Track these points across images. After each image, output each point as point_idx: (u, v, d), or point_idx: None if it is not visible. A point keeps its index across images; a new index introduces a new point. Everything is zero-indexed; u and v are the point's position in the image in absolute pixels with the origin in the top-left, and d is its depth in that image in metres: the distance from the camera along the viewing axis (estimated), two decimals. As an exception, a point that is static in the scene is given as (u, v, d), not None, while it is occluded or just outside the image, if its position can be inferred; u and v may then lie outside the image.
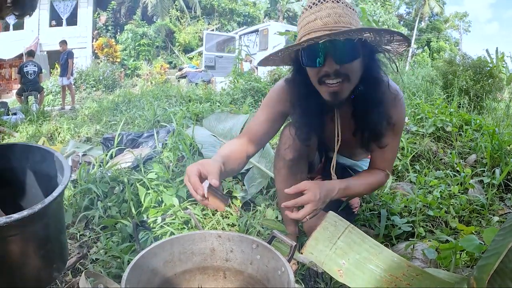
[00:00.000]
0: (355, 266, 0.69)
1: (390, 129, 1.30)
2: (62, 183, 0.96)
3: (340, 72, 1.12)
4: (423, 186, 2.09)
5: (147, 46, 18.97)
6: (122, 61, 18.08)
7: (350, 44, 1.08)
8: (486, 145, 2.61)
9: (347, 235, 0.71)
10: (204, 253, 1.02)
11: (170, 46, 21.25)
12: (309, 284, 1.30)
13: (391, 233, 1.52)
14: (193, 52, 19.95)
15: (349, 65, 1.13)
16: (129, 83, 15.66)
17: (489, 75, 5.98)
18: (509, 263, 0.65)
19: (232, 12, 24.09)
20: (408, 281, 0.66)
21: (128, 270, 0.83)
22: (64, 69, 9.38)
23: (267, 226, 1.66)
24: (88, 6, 18.51)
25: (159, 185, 1.84)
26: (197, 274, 1.04)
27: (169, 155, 2.14)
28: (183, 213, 1.69)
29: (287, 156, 1.39)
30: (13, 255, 0.92)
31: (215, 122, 2.79)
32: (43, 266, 1.01)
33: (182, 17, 22.76)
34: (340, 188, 1.24)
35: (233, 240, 0.99)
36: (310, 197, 1.11)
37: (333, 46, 1.09)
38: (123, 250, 1.54)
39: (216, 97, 5.61)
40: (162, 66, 17.49)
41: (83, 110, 6.73)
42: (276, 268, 0.87)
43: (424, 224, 1.63)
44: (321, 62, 1.12)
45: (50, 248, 1.01)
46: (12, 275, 0.94)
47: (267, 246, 0.92)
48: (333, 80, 1.14)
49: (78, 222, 1.94)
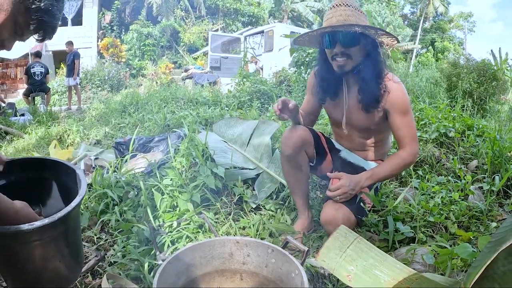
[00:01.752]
0: (362, 271, 0.78)
1: (397, 109, 1.66)
2: (79, 195, 1.06)
3: (345, 53, 1.62)
4: (425, 192, 2.17)
5: (152, 46, 19.11)
6: (127, 61, 18.20)
7: (351, 35, 1.59)
8: (487, 152, 2.68)
9: (356, 245, 0.80)
10: (223, 257, 1.12)
11: (175, 46, 21.36)
12: (317, 285, 1.39)
13: (394, 238, 1.62)
14: (198, 52, 20.05)
15: (351, 48, 1.62)
16: (135, 83, 15.76)
17: (493, 77, 6.00)
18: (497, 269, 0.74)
19: (237, 12, 24.17)
20: (408, 284, 0.76)
21: (158, 274, 0.93)
22: (70, 69, 9.41)
23: (278, 229, 1.77)
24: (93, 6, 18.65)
25: (174, 190, 1.94)
26: (216, 277, 1.14)
27: (182, 161, 2.23)
28: (198, 217, 1.79)
29: (285, 151, 1.77)
30: (36, 258, 1.02)
31: (225, 128, 2.88)
32: (62, 268, 1.11)
33: (187, 17, 22.88)
34: (366, 178, 1.64)
35: (250, 246, 1.09)
36: (343, 183, 1.59)
37: (340, 35, 1.60)
38: (141, 253, 1.63)
39: (223, 100, 5.69)
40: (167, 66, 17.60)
41: (90, 111, 6.80)
42: (290, 271, 0.97)
43: (425, 230, 1.72)
44: (333, 45, 1.63)
45: (68, 252, 1.11)
46: (34, 276, 1.05)
47: (282, 250, 1.02)
48: (340, 58, 1.63)
49: (94, 225, 2.03)
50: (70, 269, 1.15)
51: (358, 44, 1.62)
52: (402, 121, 1.66)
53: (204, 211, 1.89)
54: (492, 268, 0.79)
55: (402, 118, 1.66)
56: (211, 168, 2.09)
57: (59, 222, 0.96)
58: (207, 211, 1.92)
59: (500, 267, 0.81)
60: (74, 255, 1.17)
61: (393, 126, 1.69)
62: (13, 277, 1.07)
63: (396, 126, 1.68)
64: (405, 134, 1.67)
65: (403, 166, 1.72)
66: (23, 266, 1.02)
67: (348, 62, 1.64)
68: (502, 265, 0.81)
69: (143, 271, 1.54)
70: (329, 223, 1.58)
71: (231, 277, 1.14)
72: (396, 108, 1.66)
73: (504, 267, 0.81)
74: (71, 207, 1.00)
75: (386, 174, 1.70)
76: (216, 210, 1.97)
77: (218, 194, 2.10)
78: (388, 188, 2.25)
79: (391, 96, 1.65)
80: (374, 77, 1.66)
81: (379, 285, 0.75)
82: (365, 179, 1.64)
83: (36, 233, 0.96)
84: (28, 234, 0.93)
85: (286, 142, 1.77)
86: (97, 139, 4.37)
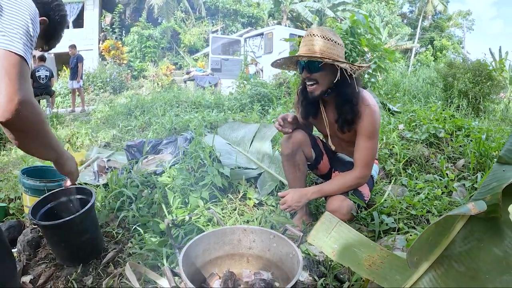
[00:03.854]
0: (343, 248, 1.00)
1: (363, 132, 1.82)
2: (88, 205, 1.73)
3: (311, 78, 1.79)
4: (413, 189, 2.39)
5: (153, 47, 19.25)
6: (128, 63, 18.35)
7: (317, 63, 1.74)
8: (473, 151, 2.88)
9: (338, 227, 1.01)
10: (232, 243, 1.34)
11: (176, 47, 21.56)
12: (313, 270, 1.61)
13: (380, 229, 1.84)
14: (198, 53, 20.25)
15: (315, 74, 1.77)
16: (136, 85, 15.95)
17: (488, 77, 6.12)
18: (454, 249, 0.96)
19: (236, 13, 24.38)
20: (381, 260, 0.97)
21: (181, 256, 1.15)
22: (74, 72, 9.55)
23: (278, 222, 1.99)
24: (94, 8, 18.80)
25: (185, 189, 2.16)
26: (227, 260, 1.36)
27: (190, 162, 2.45)
28: (207, 212, 2.00)
29: (284, 152, 2.00)
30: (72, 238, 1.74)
31: (229, 131, 3.11)
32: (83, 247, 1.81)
33: (187, 19, 23.08)
34: (313, 192, 1.87)
35: (255, 233, 1.31)
36: (287, 198, 1.83)
37: (308, 63, 1.77)
38: (158, 244, 1.85)
39: (225, 102, 5.89)
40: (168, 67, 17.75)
41: (96, 113, 6.99)
42: (288, 252, 1.19)
43: (408, 222, 1.94)
44: (301, 71, 1.82)
45: (87, 238, 1.80)
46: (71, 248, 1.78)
47: (282, 236, 1.24)
48: (309, 82, 1.81)
49: (111, 222, 2.24)
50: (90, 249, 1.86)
51: (323, 70, 1.76)
52: (364, 144, 1.82)
53: (212, 206, 2.12)
54: (450, 249, 1.01)
55: (365, 142, 1.82)
56: (217, 168, 2.31)
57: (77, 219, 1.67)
58: (215, 206, 2.14)
59: (457, 248, 1.02)
60: (93, 240, 1.86)
61: (356, 145, 1.85)
62: (59, 251, 1.82)
63: (357, 147, 1.84)
64: (362, 157, 1.83)
65: (349, 186, 1.88)
66: (65, 243, 1.76)
67: (316, 87, 1.79)
68: (458, 246, 1.03)
69: (160, 259, 1.75)
70: (335, 211, 1.80)
71: (239, 260, 1.36)
72: (363, 132, 1.81)
73: (460, 248, 1.02)
74: (82, 212, 1.69)
75: (333, 191, 1.87)
76: (223, 205, 2.19)
77: (224, 191, 2.33)
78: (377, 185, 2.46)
79: (361, 119, 1.80)
80: (345, 101, 1.80)
81: (357, 259, 0.97)
82: (311, 193, 1.86)
83: (72, 222, 1.65)
84: (68, 222, 1.63)
85: (285, 143, 1.99)
86: (106, 142, 4.56)
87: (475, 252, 0.97)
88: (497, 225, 0.97)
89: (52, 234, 1.75)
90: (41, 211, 1.81)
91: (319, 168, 2.16)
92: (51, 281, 1.74)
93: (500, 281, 0.93)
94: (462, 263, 0.99)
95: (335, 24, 7.68)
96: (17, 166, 3.83)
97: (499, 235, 0.96)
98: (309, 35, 1.78)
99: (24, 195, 2.28)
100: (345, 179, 1.87)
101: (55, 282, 1.73)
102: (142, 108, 6.09)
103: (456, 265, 1.00)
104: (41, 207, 1.82)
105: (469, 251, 0.97)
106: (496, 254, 0.95)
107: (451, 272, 0.95)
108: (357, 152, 1.85)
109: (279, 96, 6.13)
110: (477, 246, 0.98)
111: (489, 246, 0.96)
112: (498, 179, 0.81)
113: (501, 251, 0.94)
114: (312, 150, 2.07)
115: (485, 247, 0.97)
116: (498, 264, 0.94)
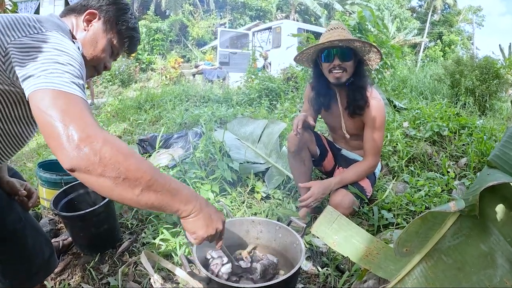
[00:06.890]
0: (343, 239, 1.10)
1: (371, 124, 1.98)
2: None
3: (341, 66, 1.91)
4: (414, 186, 2.47)
5: (161, 40, 19.32)
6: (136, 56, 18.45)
7: (347, 51, 1.90)
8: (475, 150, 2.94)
9: (339, 220, 1.12)
10: (241, 233, 1.45)
11: (184, 40, 21.62)
12: (316, 260, 1.72)
13: (380, 223, 1.94)
14: (206, 46, 20.28)
15: (346, 62, 1.92)
16: (144, 77, 16.07)
17: (495, 75, 6.13)
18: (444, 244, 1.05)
19: (245, 6, 24.33)
20: (377, 251, 1.08)
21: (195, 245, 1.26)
22: (84, 66, 9.71)
23: (285, 215, 2.11)
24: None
25: (196, 182, 2.28)
26: (236, 248, 1.47)
27: (201, 156, 2.57)
28: (217, 204, 2.12)
29: (290, 149, 2.09)
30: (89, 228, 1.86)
31: (238, 126, 3.21)
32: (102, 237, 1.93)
33: (195, 11, 23.10)
34: (335, 183, 1.99)
35: (262, 224, 1.42)
36: (313, 191, 1.93)
37: (338, 51, 1.90)
38: (171, 234, 1.97)
39: (234, 97, 5.98)
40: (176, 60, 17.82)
41: (105, 107, 7.11)
42: (292, 241, 1.30)
43: (407, 218, 2.04)
44: (331, 59, 1.92)
45: (106, 227, 1.93)
46: (91, 237, 1.90)
47: (287, 227, 1.35)
48: (337, 70, 1.92)
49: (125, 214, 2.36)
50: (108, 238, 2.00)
51: (352, 59, 1.94)
52: (372, 135, 1.99)
53: (222, 199, 2.23)
54: (440, 243, 1.11)
55: (373, 133, 1.99)
56: (227, 163, 2.43)
57: (97, 210, 1.81)
58: (225, 199, 2.26)
59: (446, 243, 1.12)
60: (112, 230, 2.00)
61: (364, 137, 2.03)
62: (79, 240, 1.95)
63: (366, 138, 2.02)
64: (371, 147, 2.01)
65: (364, 173, 2.06)
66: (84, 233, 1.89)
67: (344, 74, 1.94)
68: (448, 241, 1.13)
69: (172, 248, 1.87)
70: (338, 205, 1.93)
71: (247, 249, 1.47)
72: (370, 123, 1.98)
73: (450, 243, 1.12)
74: (99, 205, 1.83)
75: (352, 179, 2.03)
76: (232, 198, 2.31)
77: (233, 185, 2.44)
78: (380, 181, 2.56)
79: (370, 110, 1.96)
80: (361, 89, 1.97)
81: (355, 249, 1.07)
82: (334, 184, 1.99)
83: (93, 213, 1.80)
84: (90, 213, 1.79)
85: (291, 140, 2.09)
86: (117, 135, 4.67)
87: (463, 247, 1.06)
88: (484, 223, 1.06)
89: (73, 224, 1.89)
90: (61, 202, 1.94)
91: (323, 165, 2.27)
92: (69, 269, 1.86)
93: (484, 274, 1.02)
94: (450, 256, 1.08)
95: (343, 18, 7.70)
96: (30, 159, 3.97)
97: (486, 233, 1.05)
98: (333, 28, 1.95)
99: (41, 188, 2.37)
100: (360, 168, 2.04)
101: (73, 269, 1.85)
102: (152, 102, 6.19)
103: (445, 258, 1.09)
104: (61, 199, 1.95)
105: (457, 245, 1.06)
106: (482, 250, 1.04)
107: (440, 264, 1.05)
108: (366, 143, 2.02)
109: (286, 91, 6.21)
110: (465, 241, 1.07)
111: (476, 242, 1.05)
112: (481, 182, 0.90)
113: (487, 247, 1.03)
114: (317, 147, 2.18)
115: (473, 243, 1.05)
116: (483, 259, 1.03)
